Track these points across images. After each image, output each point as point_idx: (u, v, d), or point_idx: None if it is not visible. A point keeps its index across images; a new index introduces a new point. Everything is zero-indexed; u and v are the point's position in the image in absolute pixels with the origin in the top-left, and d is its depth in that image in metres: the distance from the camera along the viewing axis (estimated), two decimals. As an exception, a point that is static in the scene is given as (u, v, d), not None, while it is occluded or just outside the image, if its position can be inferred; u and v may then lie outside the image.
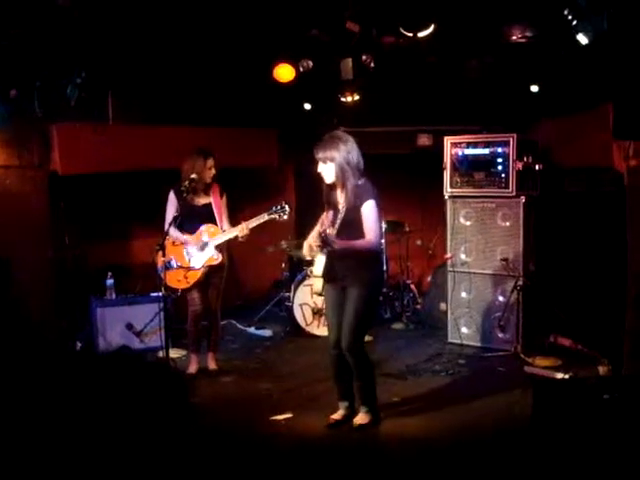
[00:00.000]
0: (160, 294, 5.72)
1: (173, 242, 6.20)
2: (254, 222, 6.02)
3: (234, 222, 6.25)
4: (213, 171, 6.18)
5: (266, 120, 8.39)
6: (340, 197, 4.97)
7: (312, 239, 5.01)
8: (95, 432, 4.56)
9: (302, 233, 8.08)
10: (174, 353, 6.70)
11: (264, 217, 6.01)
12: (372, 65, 6.68)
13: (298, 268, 8.10)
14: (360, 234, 4.82)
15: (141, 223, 7.86)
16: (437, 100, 7.73)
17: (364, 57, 6.63)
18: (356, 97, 7.47)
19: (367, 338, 7.39)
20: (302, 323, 7.68)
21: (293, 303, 7.69)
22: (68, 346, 6.83)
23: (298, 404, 5.60)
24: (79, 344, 6.90)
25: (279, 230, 7.59)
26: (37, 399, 4.96)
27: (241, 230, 6.00)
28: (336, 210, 5.00)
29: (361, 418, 5.13)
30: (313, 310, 7.64)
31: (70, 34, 6.04)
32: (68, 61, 6.37)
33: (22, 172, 6.60)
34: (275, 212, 5.98)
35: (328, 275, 5.04)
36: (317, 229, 5.12)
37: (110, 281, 6.99)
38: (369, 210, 4.82)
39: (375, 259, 5.04)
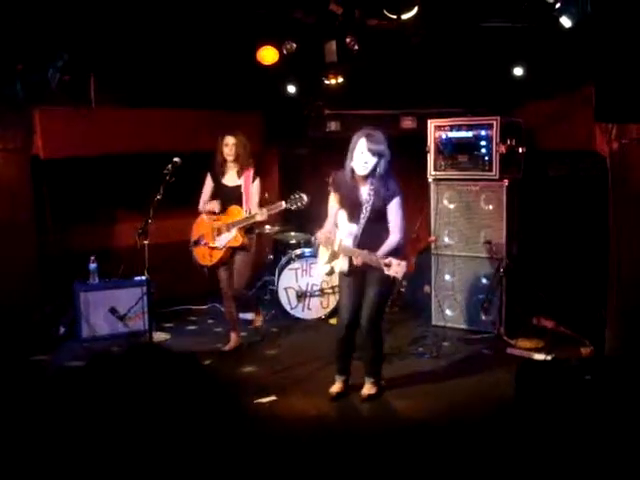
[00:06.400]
0: (144, 278, 5.71)
1: (208, 220, 6.41)
2: (273, 209, 6.21)
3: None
4: (227, 149, 6.27)
5: (250, 103, 8.33)
6: (365, 191, 5.10)
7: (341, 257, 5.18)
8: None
9: (286, 217, 8.09)
10: (157, 337, 6.71)
11: (282, 205, 6.18)
12: (356, 47, 6.66)
13: (282, 252, 8.08)
14: (383, 226, 5.08)
15: (124, 207, 7.82)
16: (421, 83, 7.70)
17: (348, 39, 6.61)
18: (340, 80, 7.44)
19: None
20: (287, 307, 7.68)
21: (278, 287, 7.68)
22: (51, 331, 6.81)
23: (282, 387, 5.61)
24: (62, 329, 6.88)
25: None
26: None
27: (261, 215, 6.16)
28: (358, 205, 5.11)
29: (368, 389, 5.38)
30: (297, 294, 7.65)
31: (52, 17, 5.99)
32: (50, 44, 6.31)
33: (4, 156, 6.54)
34: (292, 201, 6.14)
35: (352, 271, 5.22)
36: (328, 228, 5.31)
37: (93, 265, 6.98)
38: (397, 207, 5.08)
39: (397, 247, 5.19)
